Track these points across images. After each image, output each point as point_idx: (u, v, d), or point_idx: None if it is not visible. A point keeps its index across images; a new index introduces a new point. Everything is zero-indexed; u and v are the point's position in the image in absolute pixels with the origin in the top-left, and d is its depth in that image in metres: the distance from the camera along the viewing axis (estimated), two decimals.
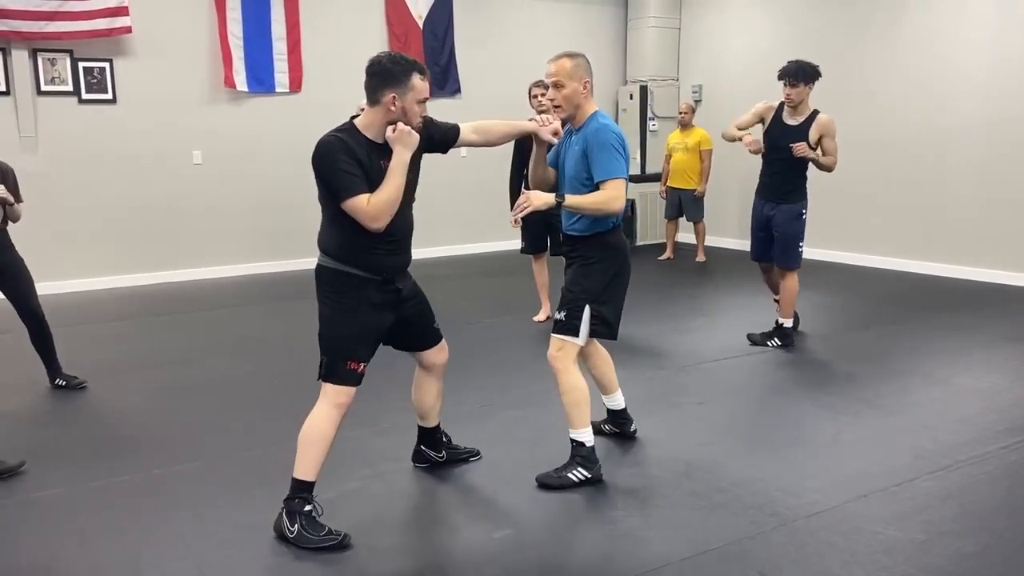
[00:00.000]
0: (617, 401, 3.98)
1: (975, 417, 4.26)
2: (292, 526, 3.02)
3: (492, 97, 9.93)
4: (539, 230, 6.16)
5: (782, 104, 5.52)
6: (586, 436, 3.51)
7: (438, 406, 3.64)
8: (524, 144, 6.10)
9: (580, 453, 3.50)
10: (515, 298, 7.22)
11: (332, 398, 3.10)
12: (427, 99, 3.12)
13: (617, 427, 4.03)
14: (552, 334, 3.52)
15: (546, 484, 3.47)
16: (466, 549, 3.05)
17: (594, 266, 3.47)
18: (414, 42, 9.39)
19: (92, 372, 5.08)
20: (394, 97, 2.98)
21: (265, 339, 6.12)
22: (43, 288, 5.00)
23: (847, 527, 3.13)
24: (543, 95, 5.98)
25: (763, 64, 9.57)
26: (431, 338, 3.48)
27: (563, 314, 3.47)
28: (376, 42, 9.22)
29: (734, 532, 3.11)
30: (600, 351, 3.87)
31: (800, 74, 5.36)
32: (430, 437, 3.71)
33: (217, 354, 5.75)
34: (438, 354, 3.53)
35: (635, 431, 4.03)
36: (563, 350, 3.47)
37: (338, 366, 3.08)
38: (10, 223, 4.67)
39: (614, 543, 3.07)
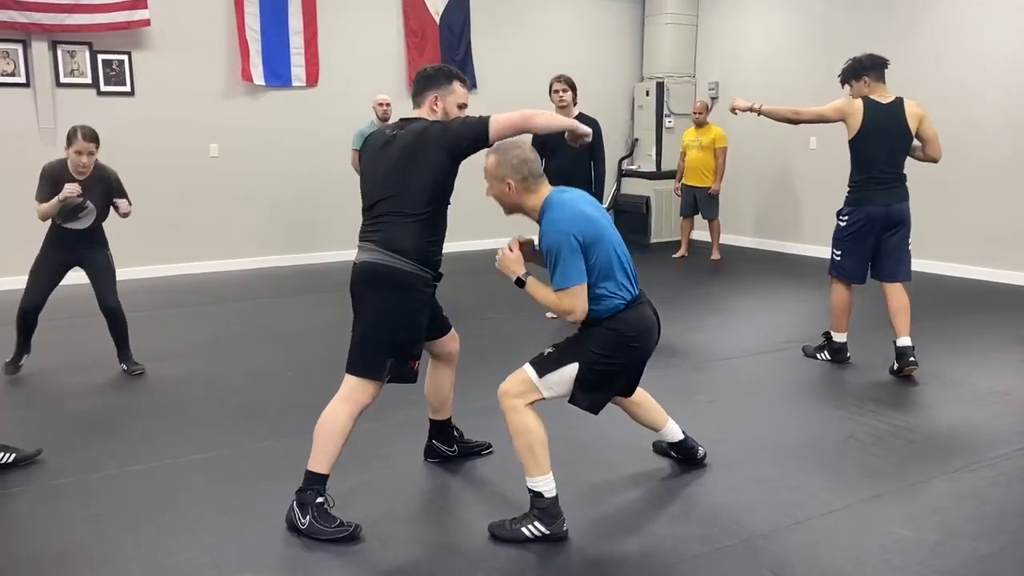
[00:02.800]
0: (673, 433, 3.62)
1: (990, 418, 4.23)
2: (304, 517, 3.03)
3: (508, 92, 9.91)
4: None
5: None
6: (544, 485, 3.02)
7: (451, 398, 3.65)
8: (543, 138, 6.05)
9: (538, 505, 3.02)
10: (524, 294, 7.20)
11: (359, 395, 3.10)
12: (466, 104, 3.25)
13: (682, 455, 3.68)
14: (524, 365, 3.13)
15: (497, 536, 3.05)
16: (478, 543, 3.05)
17: (613, 341, 3.06)
18: (431, 37, 9.39)
19: (108, 363, 5.12)
20: (436, 98, 3.18)
21: (280, 332, 6.15)
22: (61, 280, 5.07)
23: (860, 527, 3.11)
24: (563, 90, 5.99)
25: (780, 61, 9.57)
26: (445, 325, 3.52)
27: (548, 350, 3.13)
28: (392, 37, 9.24)
29: (747, 530, 3.10)
30: (641, 393, 3.49)
31: (842, 74, 5.16)
32: (442, 431, 3.72)
33: (232, 347, 5.78)
34: (451, 342, 3.56)
35: (704, 455, 3.67)
36: (519, 388, 3.06)
37: (403, 366, 3.14)
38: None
39: (625, 539, 3.06)
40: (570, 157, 5.77)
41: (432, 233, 3.15)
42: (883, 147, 4.91)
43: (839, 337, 5.24)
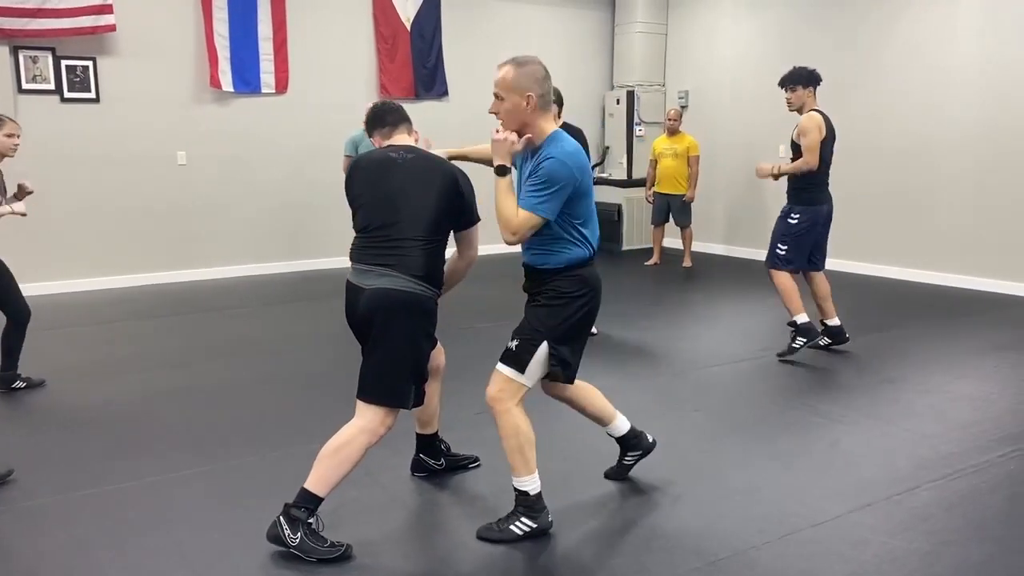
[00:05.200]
0: (621, 426, 3.55)
1: (971, 426, 4.29)
2: (295, 534, 2.95)
3: (479, 100, 9.89)
4: None
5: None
6: (531, 484, 3.11)
7: (439, 411, 3.61)
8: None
9: (523, 503, 3.10)
10: (507, 303, 7.15)
11: (378, 427, 3.02)
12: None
13: (638, 449, 3.61)
14: (497, 366, 3.11)
15: (486, 538, 3.09)
16: (471, 559, 3.01)
17: (565, 302, 3.06)
18: (402, 44, 9.34)
19: (79, 375, 4.99)
20: (411, 128, 3.40)
21: (255, 342, 6.04)
22: (22, 289, 4.90)
23: (853, 537, 3.12)
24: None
25: (750, 71, 9.66)
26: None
27: (514, 344, 3.08)
28: (363, 43, 9.17)
29: (741, 541, 3.09)
30: (581, 385, 3.41)
31: (791, 78, 5.54)
32: (429, 445, 3.67)
33: (207, 358, 5.66)
34: (438, 355, 3.51)
35: (654, 440, 3.66)
36: (506, 389, 3.07)
37: (419, 390, 3.12)
38: None
39: (619, 553, 3.04)
40: None
41: (441, 259, 3.17)
42: (828, 153, 5.49)
43: (802, 317, 5.45)
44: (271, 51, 8.56)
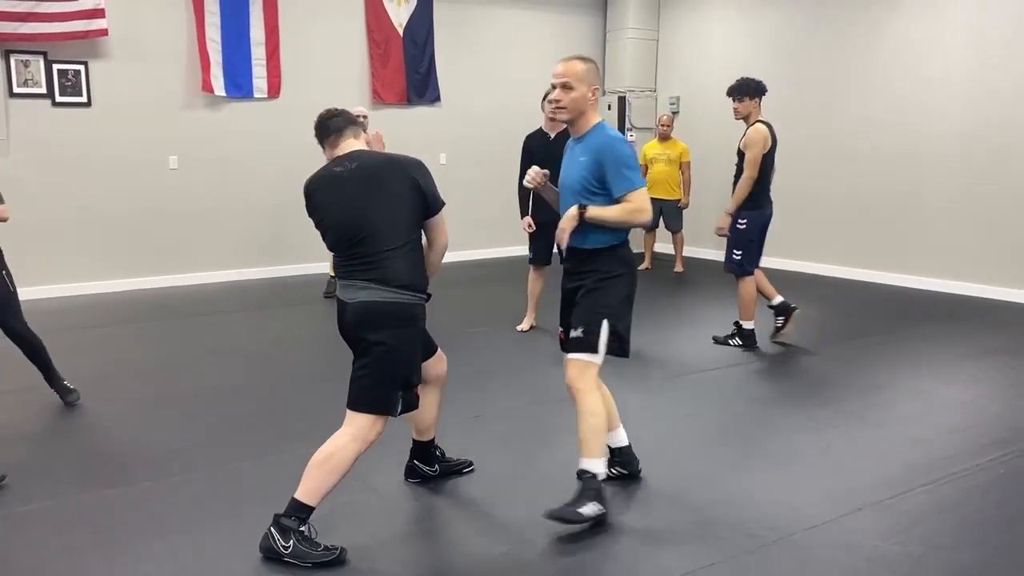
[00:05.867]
0: (621, 438, 3.67)
1: (962, 430, 4.32)
2: (287, 542, 2.94)
3: (471, 105, 9.93)
4: (549, 241, 6.16)
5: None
6: (600, 468, 3.25)
7: (437, 420, 3.61)
8: (532, 148, 6.09)
9: (593, 486, 3.22)
10: (498, 307, 7.20)
11: (368, 434, 3.03)
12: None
13: (624, 467, 3.69)
14: (569, 355, 3.30)
15: (561, 518, 3.16)
16: (466, 565, 3.01)
17: (612, 281, 3.29)
18: (394, 49, 9.35)
19: (71, 381, 4.95)
20: (359, 132, 3.29)
21: (246, 348, 6.03)
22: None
23: (846, 541, 3.14)
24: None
25: (740, 76, 9.68)
26: (433, 346, 3.47)
27: (580, 331, 3.26)
28: (356, 48, 9.18)
29: (734, 546, 3.10)
30: (601, 385, 3.51)
31: (740, 89, 5.79)
32: (424, 451, 3.67)
33: (198, 363, 5.65)
34: (440, 363, 3.51)
35: (641, 471, 3.72)
36: (584, 372, 3.26)
37: (408, 395, 3.10)
38: None
39: (614, 558, 3.05)
40: (557, 169, 5.91)
41: (421, 257, 3.13)
42: (772, 161, 5.80)
43: (749, 325, 5.91)
44: (263, 56, 8.56)
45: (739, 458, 3.97)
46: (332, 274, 7.85)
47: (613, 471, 3.63)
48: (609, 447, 3.58)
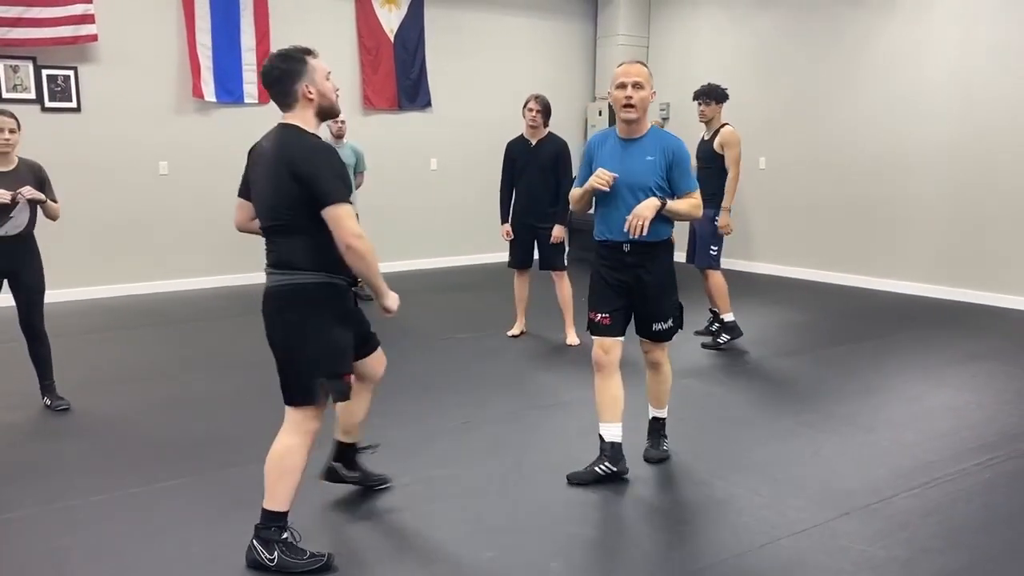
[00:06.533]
0: (617, 432, 3.83)
1: (949, 434, 4.34)
2: (271, 554, 2.91)
3: (462, 111, 9.95)
4: (528, 245, 6.19)
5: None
6: (665, 414, 4.04)
7: (364, 422, 3.46)
8: (513, 154, 6.15)
9: (663, 428, 4.05)
10: (488, 313, 7.21)
11: (305, 425, 2.95)
12: (330, 71, 3.07)
13: (619, 467, 3.77)
14: (658, 346, 3.84)
15: (660, 458, 3.95)
16: (452, 570, 3.01)
17: (672, 269, 3.76)
18: (385, 55, 9.36)
19: (61, 387, 4.94)
20: (307, 86, 2.93)
21: (235, 354, 6.02)
22: (1, 300, 4.84)
23: (833, 545, 3.15)
24: (536, 111, 6.03)
25: (730, 83, 9.63)
26: (373, 343, 3.33)
27: (671, 322, 3.77)
28: (346, 54, 9.19)
29: (723, 550, 3.11)
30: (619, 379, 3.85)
31: (712, 94, 6.06)
32: (346, 454, 3.49)
33: (189, 368, 5.64)
34: (378, 364, 3.37)
35: (627, 471, 3.78)
36: (665, 350, 3.88)
37: (339, 384, 2.97)
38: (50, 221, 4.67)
39: (601, 563, 3.05)
40: (537, 176, 6.01)
41: (325, 240, 2.85)
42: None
43: (729, 316, 6.09)
44: (254, 61, 8.55)
45: (726, 462, 3.98)
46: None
47: (602, 468, 3.69)
48: (602, 438, 3.75)
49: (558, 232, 6.00)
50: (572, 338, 6.11)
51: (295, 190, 2.81)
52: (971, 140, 7.65)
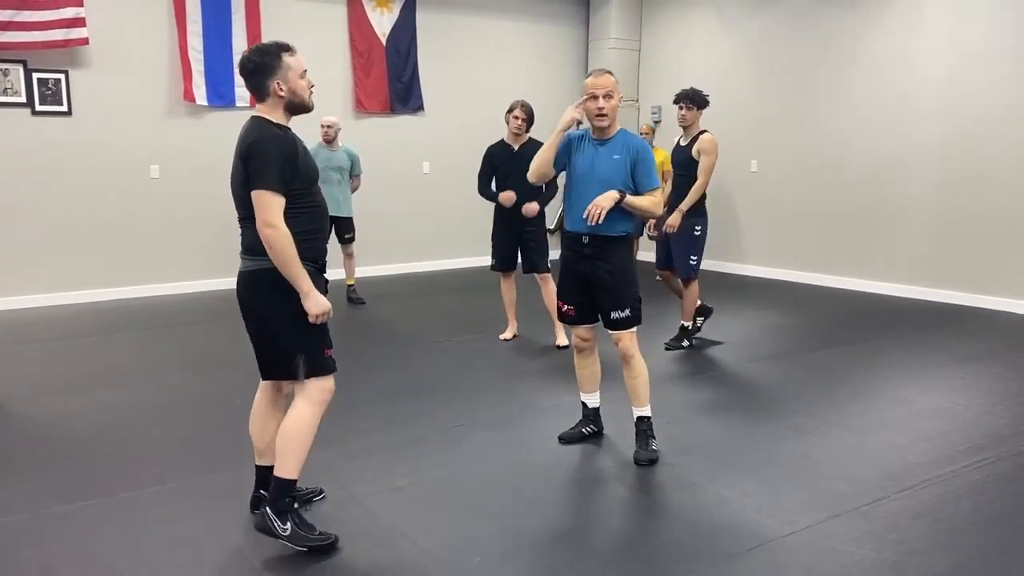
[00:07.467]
0: (597, 400, 4.36)
1: (938, 436, 4.36)
2: (285, 524, 3.00)
3: (454, 114, 9.96)
4: (511, 248, 6.19)
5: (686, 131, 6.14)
6: (649, 411, 4.10)
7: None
8: (495, 160, 6.14)
9: (650, 427, 4.07)
10: (480, 316, 7.21)
11: (317, 395, 3.06)
12: (306, 69, 3.13)
13: (595, 425, 4.34)
14: (617, 331, 3.96)
15: (650, 460, 3.96)
16: (442, 574, 3.01)
17: (629, 263, 3.97)
18: (377, 58, 9.37)
19: (49, 391, 4.94)
20: (278, 83, 3.02)
21: (225, 356, 6.01)
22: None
23: (823, 547, 3.16)
24: (521, 119, 6.02)
25: (721, 86, 9.76)
26: None
27: (628, 311, 3.93)
28: (339, 57, 9.19)
29: (714, 553, 3.12)
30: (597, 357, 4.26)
31: (695, 99, 6.01)
32: (268, 480, 3.21)
33: (178, 372, 5.62)
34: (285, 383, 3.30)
35: (598, 432, 4.35)
36: (633, 339, 3.98)
37: (320, 357, 3.04)
38: None
39: (592, 567, 3.06)
40: (521, 180, 5.98)
41: (305, 224, 2.97)
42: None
43: (688, 324, 6.28)
44: None
45: (717, 465, 3.99)
46: (350, 282, 7.85)
47: (586, 429, 4.28)
48: (585, 404, 4.30)
49: (532, 205, 5.97)
50: (561, 339, 6.12)
51: (245, 176, 2.92)
52: (961, 143, 7.69)
